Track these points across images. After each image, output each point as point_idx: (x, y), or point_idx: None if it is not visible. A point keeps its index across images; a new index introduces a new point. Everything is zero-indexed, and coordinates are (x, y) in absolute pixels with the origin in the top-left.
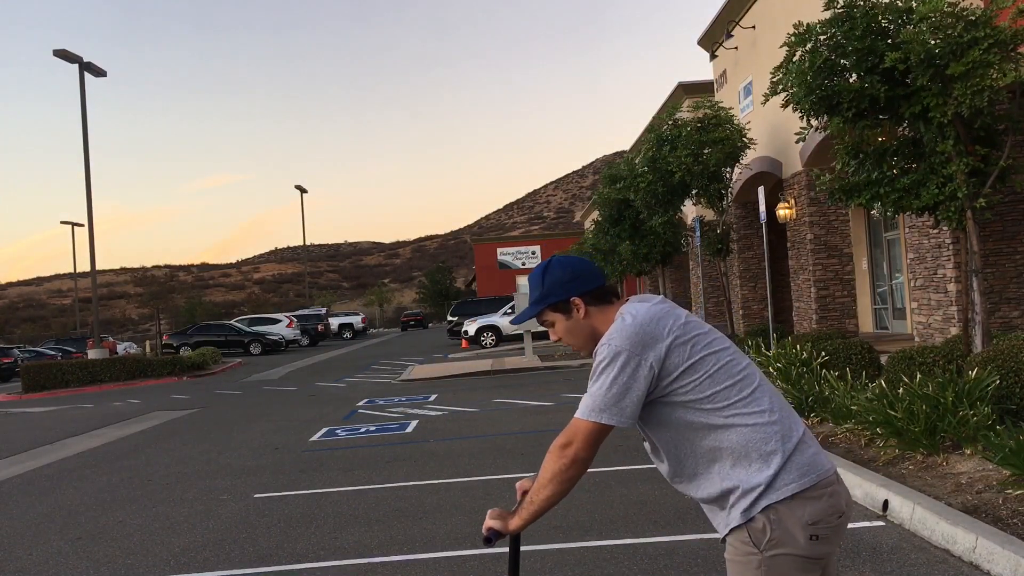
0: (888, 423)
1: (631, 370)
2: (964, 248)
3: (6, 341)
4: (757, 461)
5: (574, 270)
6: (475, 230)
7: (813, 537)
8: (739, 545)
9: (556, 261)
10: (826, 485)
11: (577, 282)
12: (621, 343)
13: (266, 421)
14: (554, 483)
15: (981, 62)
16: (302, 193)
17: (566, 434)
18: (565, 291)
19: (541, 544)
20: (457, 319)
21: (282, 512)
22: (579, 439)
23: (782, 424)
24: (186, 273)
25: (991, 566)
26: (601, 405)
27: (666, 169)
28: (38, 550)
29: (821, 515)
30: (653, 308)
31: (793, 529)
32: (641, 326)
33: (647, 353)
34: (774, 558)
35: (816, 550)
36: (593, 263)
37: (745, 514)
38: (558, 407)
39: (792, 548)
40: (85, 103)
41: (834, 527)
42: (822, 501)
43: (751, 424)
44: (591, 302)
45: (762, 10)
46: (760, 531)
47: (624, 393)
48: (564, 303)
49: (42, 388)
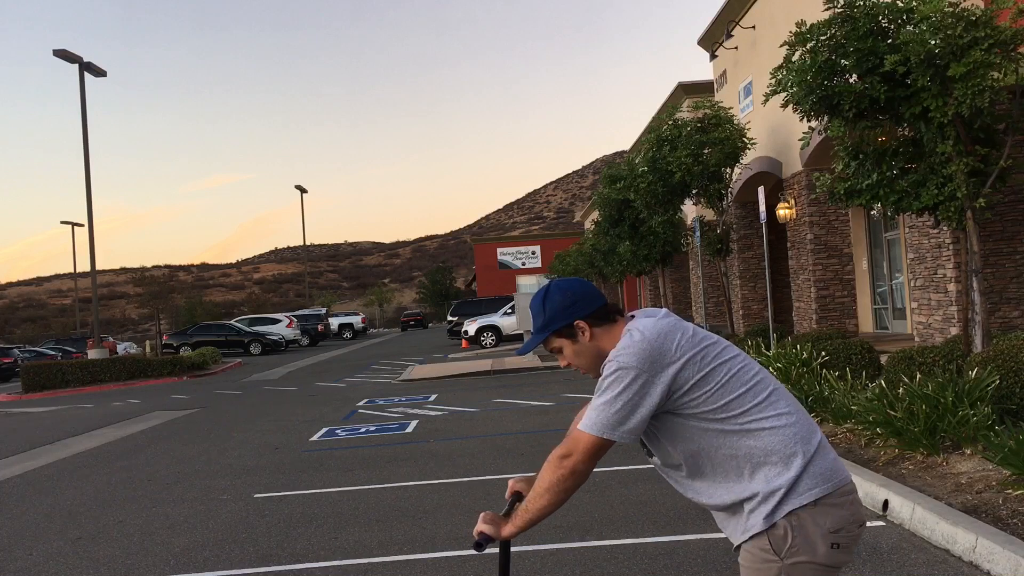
0: (888, 423)
1: (638, 387)
2: (964, 248)
3: (6, 341)
4: (778, 464)
5: (574, 293)
6: (475, 230)
7: (834, 545)
8: (757, 552)
9: (555, 286)
10: (846, 492)
11: (578, 305)
12: (628, 360)
13: (266, 421)
14: (551, 493)
15: (982, 62)
16: (302, 193)
17: (566, 445)
18: (568, 316)
19: (541, 544)
20: (457, 319)
21: (282, 512)
22: (579, 452)
23: (801, 426)
24: (186, 273)
25: (991, 566)
26: (605, 421)
27: (666, 169)
28: (38, 550)
29: (843, 523)
30: (660, 323)
31: (814, 537)
32: (650, 343)
33: (656, 370)
34: (795, 566)
35: (836, 559)
36: (591, 283)
37: (767, 520)
38: (558, 407)
39: (812, 556)
40: (85, 103)
41: (854, 536)
42: (844, 509)
43: (769, 427)
44: (595, 323)
45: (762, 10)
46: (781, 538)
47: (631, 411)
48: (568, 328)
49: (42, 388)
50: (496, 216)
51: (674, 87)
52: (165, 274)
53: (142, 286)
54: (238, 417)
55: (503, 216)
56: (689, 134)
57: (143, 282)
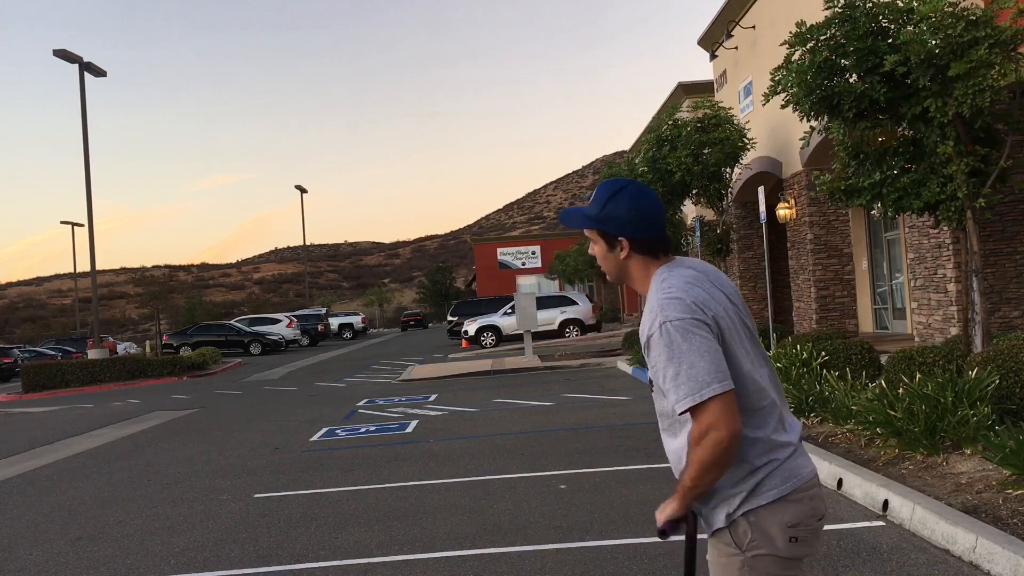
0: (888, 423)
1: (700, 331)
2: (964, 248)
3: (6, 341)
4: (743, 471)
5: (639, 212)
6: (475, 230)
7: (792, 539)
8: (722, 547)
9: (629, 193)
10: (807, 488)
11: (633, 225)
12: (670, 313)
13: (266, 421)
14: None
15: (982, 62)
16: (302, 193)
17: (699, 426)
18: (618, 228)
19: (541, 544)
20: (457, 319)
21: (282, 512)
22: (710, 420)
23: (779, 439)
24: (186, 273)
25: (991, 566)
26: (703, 378)
27: (666, 169)
28: (38, 550)
29: (801, 518)
30: (679, 277)
31: (772, 532)
32: (684, 292)
33: (699, 313)
34: (756, 558)
35: (795, 551)
36: (662, 208)
37: (728, 518)
38: (558, 407)
39: (772, 549)
40: (85, 103)
41: (813, 529)
42: (803, 504)
43: (751, 438)
44: (638, 249)
45: (762, 10)
46: (742, 534)
47: (707, 353)
48: (612, 237)
49: (42, 388)
50: (496, 216)
51: (674, 87)
52: (165, 274)
53: (142, 286)
54: (238, 417)
55: (503, 216)
56: (689, 134)
57: (143, 282)
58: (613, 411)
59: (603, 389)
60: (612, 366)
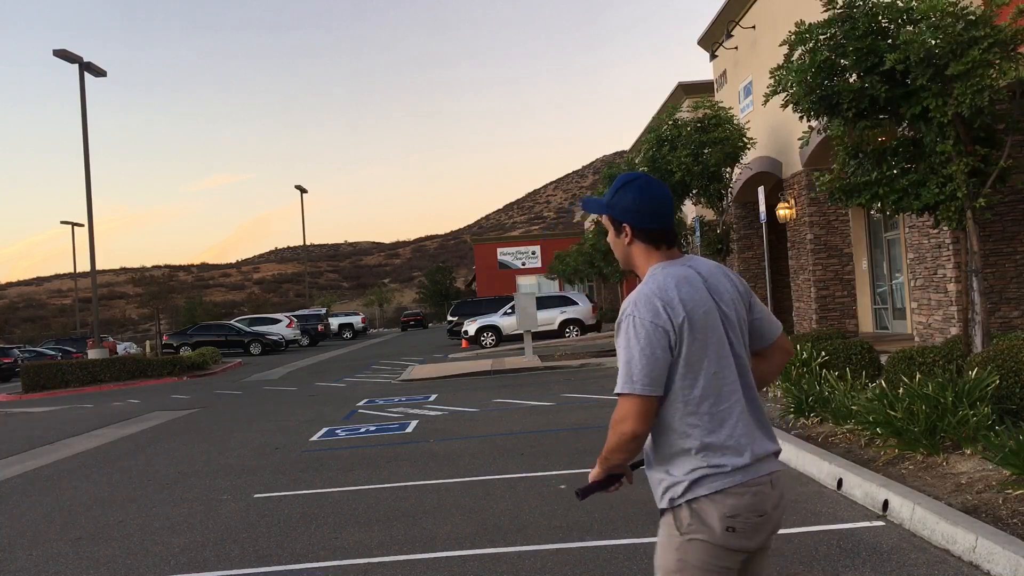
0: (888, 423)
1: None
2: (964, 248)
3: (6, 341)
4: (690, 464)
5: (640, 203)
6: (475, 230)
7: (730, 528)
8: (665, 527)
9: (637, 185)
10: (753, 484)
11: (634, 214)
12: (641, 310)
13: (266, 421)
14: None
15: (981, 61)
16: (302, 193)
17: (618, 412)
18: (622, 215)
19: (541, 544)
20: (457, 319)
21: (282, 512)
22: (625, 412)
23: (731, 444)
24: (186, 273)
25: (991, 566)
26: (636, 376)
27: (666, 169)
28: (38, 550)
29: (740, 510)
30: (669, 276)
31: (711, 520)
32: (663, 293)
33: (664, 319)
34: (691, 541)
35: (731, 542)
36: (669, 201)
37: (672, 502)
38: (558, 407)
39: (709, 536)
40: (85, 103)
41: (753, 524)
42: (744, 498)
43: (707, 442)
44: (640, 237)
45: (762, 10)
46: (682, 518)
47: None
48: (618, 223)
49: (42, 388)
50: (496, 216)
51: (674, 87)
52: (165, 274)
53: (142, 286)
54: (238, 417)
55: (503, 216)
56: (689, 134)
57: (143, 282)
58: (613, 411)
59: (603, 389)
60: (612, 366)
